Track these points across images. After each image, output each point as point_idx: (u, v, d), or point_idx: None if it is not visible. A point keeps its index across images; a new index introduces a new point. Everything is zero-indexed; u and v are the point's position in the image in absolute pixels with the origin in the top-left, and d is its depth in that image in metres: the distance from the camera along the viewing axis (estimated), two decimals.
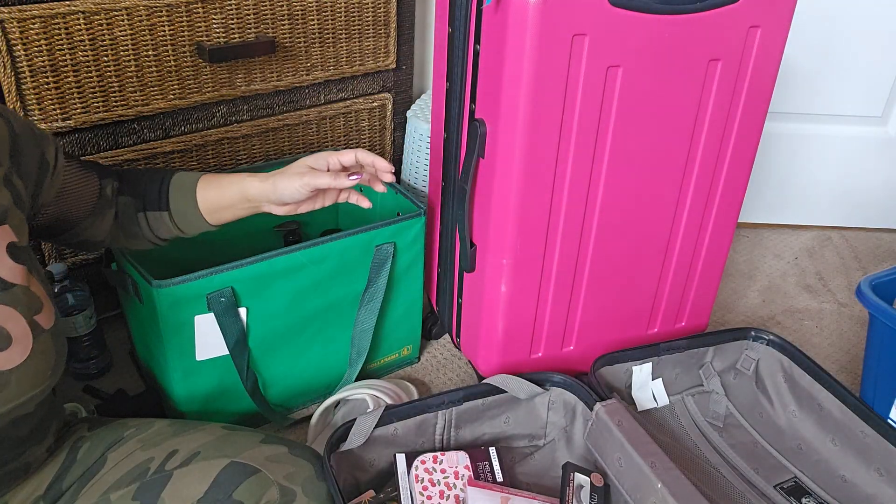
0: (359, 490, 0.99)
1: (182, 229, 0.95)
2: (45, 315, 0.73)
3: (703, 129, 1.09)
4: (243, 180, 0.92)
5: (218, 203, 0.93)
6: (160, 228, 0.94)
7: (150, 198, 0.93)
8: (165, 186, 0.93)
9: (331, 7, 1.32)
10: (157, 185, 0.93)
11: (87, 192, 0.89)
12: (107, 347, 1.27)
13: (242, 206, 0.93)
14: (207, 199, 0.92)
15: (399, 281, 1.20)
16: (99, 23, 1.10)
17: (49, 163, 0.82)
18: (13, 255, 0.71)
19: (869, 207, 1.84)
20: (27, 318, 0.70)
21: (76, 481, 0.79)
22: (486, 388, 1.07)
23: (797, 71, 1.66)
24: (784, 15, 1.04)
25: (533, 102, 0.95)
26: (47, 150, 0.82)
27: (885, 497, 1.04)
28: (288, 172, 0.91)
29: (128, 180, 0.94)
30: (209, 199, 0.92)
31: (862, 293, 1.12)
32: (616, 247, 1.14)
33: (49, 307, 0.74)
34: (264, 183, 0.91)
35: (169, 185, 0.93)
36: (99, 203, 0.90)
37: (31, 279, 0.72)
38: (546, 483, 1.07)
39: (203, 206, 0.93)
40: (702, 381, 1.24)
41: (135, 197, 0.93)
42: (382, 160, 0.93)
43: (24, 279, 0.71)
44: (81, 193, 0.88)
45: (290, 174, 0.90)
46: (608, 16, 0.93)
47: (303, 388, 1.19)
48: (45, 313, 0.73)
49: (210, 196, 0.92)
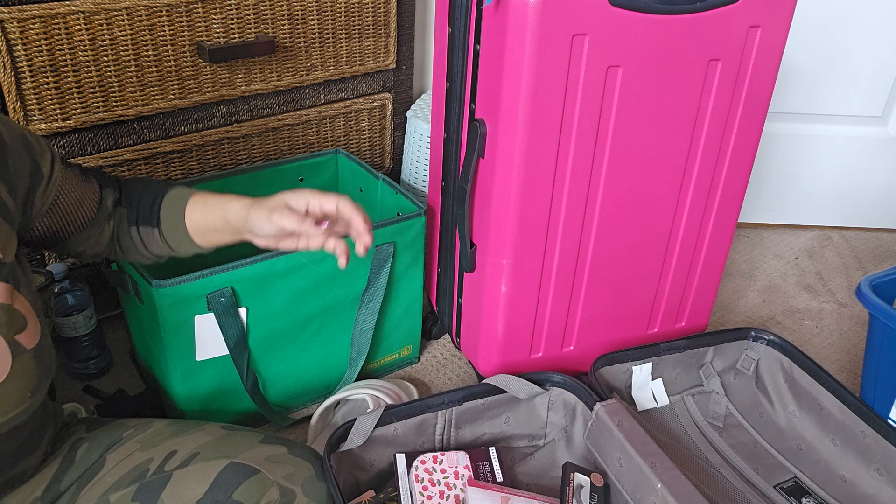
0: (359, 490, 0.99)
1: (173, 248, 0.90)
2: (29, 334, 0.70)
3: (703, 129, 1.09)
4: (228, 202, 0.85)
5: (203, 224, 0.87)
6: (152, 245, 0.90)
7: (143, 212, 0.88)
8: (158, 202, 0.88)
9: (331, 7, 1.32)
10: (150, 198, 0.89)
11: (86, 203, 0.86)
12: (107, 347, 1.27)
13: (226, 230, 0.86)
14: (194, 219, 0.87)
15: (399, 281, 1.20)
16: (99, 23, 1.10)
17: (43, 173, 0.79)
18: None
19: (869, 207, 1.84)
20: (7, 338, 0.68)
21: (75, 482, 0.79)
22: (486, 388, 1.07)
23: (797, 71, 1.66)
24: (784, 15, 1.04)
25: (533, 102, 0.95)
26: (42, 160, 0.79)
27: (885, 497, 1.04)
28: (264, 204, 0.83)
29: (127, 191, 0.90)
30: (196, 220, 0.87)
31: (862, 293, 1.12)
32: (616, 247, 1.14)
33: (34, 325, 0.71)
34: (242, 210, 0.84)
35: (162, 201, 0.88)
36: (99, 214, 0.88)
37: (15, 297, 0.70)
38: (546, 483, 1.07)
39: (190, 227, 0.87)
40: (702, 381, 1.24)
41: (129, 209, 0.89)
42: (361, 220, 0.83)
43: (5, 298, 0.69)
44: (80, 204, 0.85)
45: (264, 206, 0.82)
46: (608, 16, 0.93)
47: (303, 388, 1.19)
48: (29, 332, 0.70)
49: (196, 216, 0.87)
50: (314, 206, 0.83)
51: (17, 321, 0.69)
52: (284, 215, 0.80)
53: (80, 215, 0.86)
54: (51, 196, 0.82)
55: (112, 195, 0.89)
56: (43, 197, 0.80)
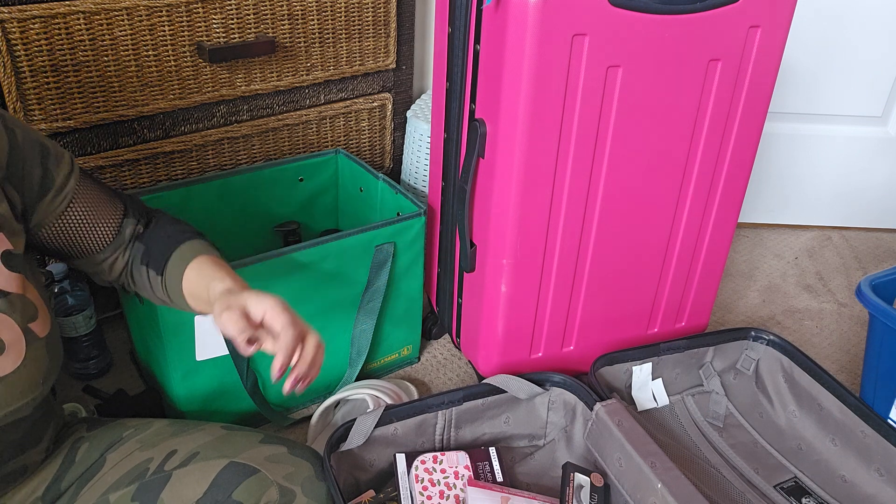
0: (359, 490, 0.99)
1: (172, 300, 0.86)
2: (41, 323, 0.72)
3: (703, 129, 1.09)
4: (213, 279, 0.80)
5: (195, 290, 0.82)
6: (157, 289, 0.86)
7: (155, 256, 0.85)
8: (170, 251, 0.85)
9: (331, 7, 1.32)
10: (166, 245, 0.85)
11: (101, 226, 0.84)
12: (107, 347, 1.27)
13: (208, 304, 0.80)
14: (190, 279, 0.83)
15: (399, 281, 1.20)
16: (99, 23, 1.10)
17: (55, 183, 0.79)
18: (8, 264, 0.71)
19: (869, 207, 1.84)
20: (21, 326, 0.70)
21: (75, 482, 0.79)
22: (486, 388, 1.07)
23: (797, 71, 1.66)
24: (784, 15, 1.04)
25: (533, 102, 0.95)
26: (57, 170, 0.79)
27: (885, 497, 1.04)
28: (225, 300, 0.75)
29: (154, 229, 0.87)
30: (191, 282, 0.83)
31: (862, 293, 1.12)
32: (616, 247, 1.14)
33: (45, 315, 0.73)
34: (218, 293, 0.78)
35: (173, 252, 0.85)
36: (114, 241, 0.86)
37: (27, 287, 0.72)
38: (546, 483, 1.07)
39: (185, 288, 0.83)
40: (702, 381, 1.24)
41: (147, 247, 0.86)
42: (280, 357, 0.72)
43: (19, 287, 0.71)
44: (93, 225, 0.83)
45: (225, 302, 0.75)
46: (608, 16, 0.93)
47: None
48: (41, 321, 0.72)
49: (192, 278, 0.83)
50: (269, 319, 0.74)
51: (29, 310, 0.71)
52: (230, 321, 0.72)
53: (92, 236, 0.84)
54: (59, 207, 0.80)
55: (132, 225, 0.87)
56: (49, 206, 0.80)
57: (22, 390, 0.70)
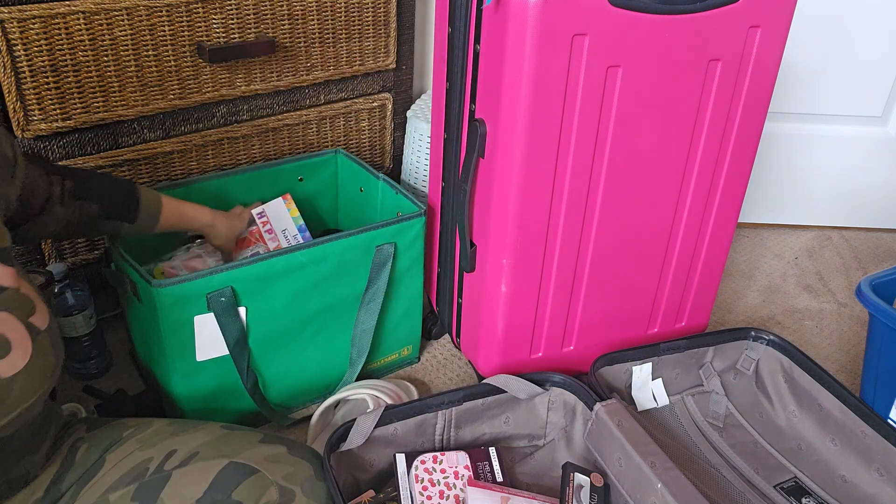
0: (359, 490, 0.99)
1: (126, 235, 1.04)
2: (39, 316, 0.72)
3: (703, 129, 1.09)
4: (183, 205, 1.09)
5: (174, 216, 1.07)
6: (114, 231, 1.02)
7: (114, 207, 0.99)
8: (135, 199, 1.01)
9: (331, 7, 1.32)
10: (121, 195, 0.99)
11: (38, 190, 0.90)
12: (107, 347, 1.26)
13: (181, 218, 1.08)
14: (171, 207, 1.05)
15: (399, 281, 1.20)
16: (99, 23, 1.10)
17: (8, 159, 0.82)
18: (0, 258, 0.71)
19: (869, 207, 1.84)
20: (23, 321, 0.70)
21: (75, 483, 0.79)
22: (486, 388, 1.07)
23: (797, 71, 1.66)
24: (784, 15, 1.04)
25: (533, 102, 0.95)
26: (7, 146, 0.82)
27: (885, 497, 1.04)
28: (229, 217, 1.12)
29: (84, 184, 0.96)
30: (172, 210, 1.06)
31: (862, 293, 1.12)
32: (616, 247, 1.14)
33: (42, 307, 0.73)
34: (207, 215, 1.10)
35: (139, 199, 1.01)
36: (49, 201, 0.91)
37: (20, 281, 0.72)
38: (546, 483, 1.07)
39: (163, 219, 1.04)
40: (702, 381, 1.24)
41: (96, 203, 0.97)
42: None
43: (14, 282, 0.71)
44: (34, 191, 0.89)
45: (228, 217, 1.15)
46: (608, 16, 0.93)
47: (303, 388, 1.19)
48: (39, 314, 0.72)
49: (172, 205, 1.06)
50: None
51: (27, 304, 0.71)
52: None
53: (35, 202, 0.89)
54: (17, 184, 0.84)
55: (60, 183, 0.93)
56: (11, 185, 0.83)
57: (35, 385, 0.70)
